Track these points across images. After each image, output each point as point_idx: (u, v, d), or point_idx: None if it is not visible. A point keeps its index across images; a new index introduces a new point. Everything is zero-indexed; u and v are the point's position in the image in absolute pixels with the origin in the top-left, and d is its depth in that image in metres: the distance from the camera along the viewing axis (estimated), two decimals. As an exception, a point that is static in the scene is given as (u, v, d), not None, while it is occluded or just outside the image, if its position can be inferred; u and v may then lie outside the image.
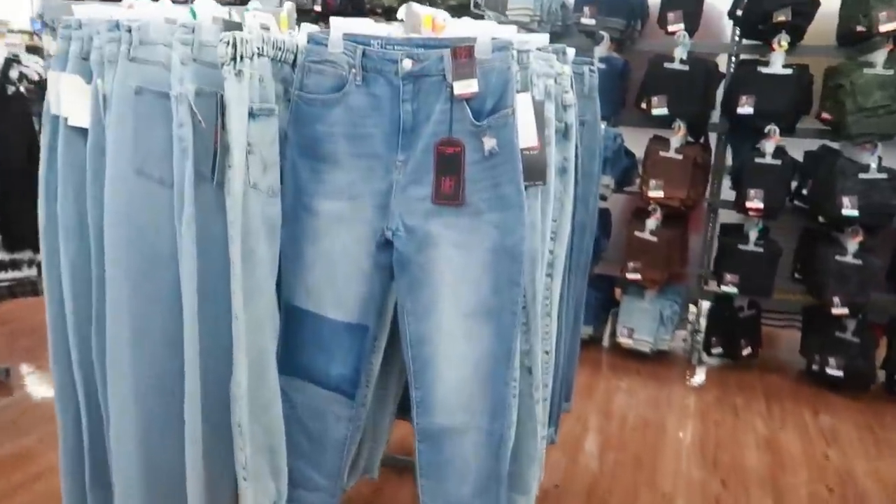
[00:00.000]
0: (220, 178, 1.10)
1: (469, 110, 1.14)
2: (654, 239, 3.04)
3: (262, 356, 1.19)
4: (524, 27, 3.21)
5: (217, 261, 1.12)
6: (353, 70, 1.17)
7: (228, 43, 1.06)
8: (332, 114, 1.19)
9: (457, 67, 1.12)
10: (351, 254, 1.24)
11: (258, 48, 1.12)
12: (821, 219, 2.88)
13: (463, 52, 1.11)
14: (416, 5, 1.21)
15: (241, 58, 1.08)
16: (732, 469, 2.34)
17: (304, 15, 3.72)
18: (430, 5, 1.88)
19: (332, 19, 1.16)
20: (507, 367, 1.22)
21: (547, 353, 1.43)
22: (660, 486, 2.21)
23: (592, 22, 3.04)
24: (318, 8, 3.54)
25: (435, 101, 1.15)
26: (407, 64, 1.14)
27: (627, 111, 3.22)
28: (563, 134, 1.34)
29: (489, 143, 1.14)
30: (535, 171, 1.18)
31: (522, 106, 1.12)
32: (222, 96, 1.07)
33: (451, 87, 1.13)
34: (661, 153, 2.96)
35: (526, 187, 1.18)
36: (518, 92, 1.13)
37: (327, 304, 1.27)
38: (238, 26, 1.11)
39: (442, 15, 1.20)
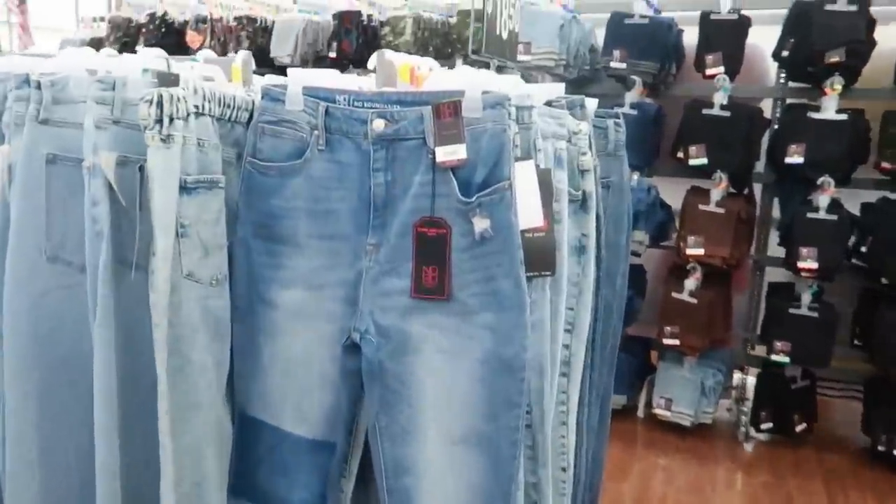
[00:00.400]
0: (143, 267, 0.88)
1: (455, 183, 0.91)
2: (694, 301, 2.75)
3: (199, 490, 0.94)
4: (549, 72, 3.00)
5: (148, 372, 0.89)
6: (316, 132, 0.95)
7: (151, 102, 0.85)
8: (291, 185, 0.97)
9: (440, 129, 0.89)
10: (314, 356, 1.00)
11: (196, 106, 0.90)
12: (884, 279, 2.57)
13: (447, 110, 0.88)
14: (390, 52, 0.99)
15: (171, 119, 0.86)
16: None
17: (319, 62, 3.58)
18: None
19: (290, 71, 0.95)
20: None
21: (564, 469, 1.15)
22: None
23: (623, 66, 2.81)
24: (332, 55, 3.38)
25: (413, 171, 0.92)
26: (378, 125, 0.92)
27: (662, 161, 2.96)
28: (581, 205, 1.09)
29: (481, 224, 0.90)
30: (540, 258, 0.93)
31: (523, 177, 0.88)
32: (143, 167, 0.86)
33: (434, 154, 0.90)
34: (701, 207, 2.69)
35: (529, 279, 0.93)
36: (518, 159, 0.90)
37: (287, 416, 1.02)
38: (174, 80, 0.90)
39: (427, 63, 0.98)
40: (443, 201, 0.92)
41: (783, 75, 2.83)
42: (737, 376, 3.17)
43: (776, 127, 2.78)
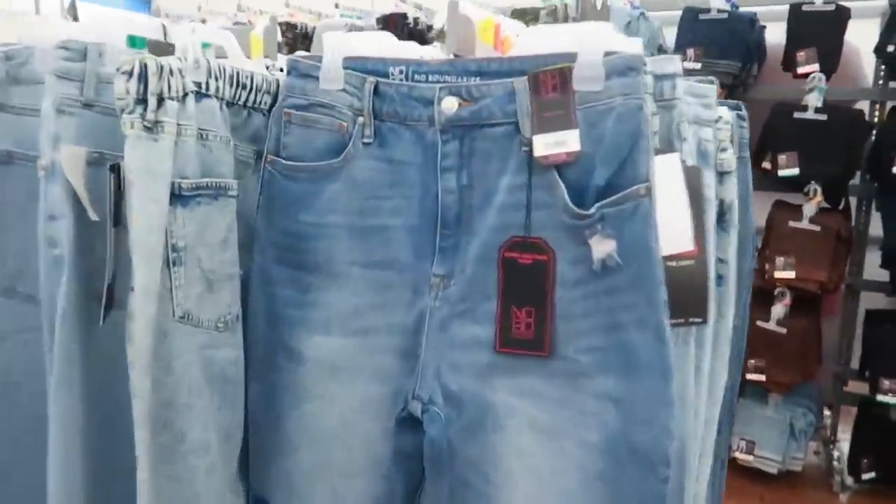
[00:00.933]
0: (115, 306, 0.62)
1: (563, 188, 0.64)
2: (783, 331, 2.41)
3: None
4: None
5: (129, 453, 0.63)
6: (361, 119, 0.70)
7: (131, 74, 0.59)
8: (327, 193, 0.72)
9: (540, 109, 0.63)
10: (356, 429, 0.75)
11: (198, 84, 0.65)
12: None
13: (551, 82, 0.62)
14: (466, 3, 0.71)
15: (160, 100, 0.61)
16: None
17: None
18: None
19: (326, 35, 0.68)
20: None
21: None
22: None
23: (698, 66, 2.51)
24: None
25: (500, 172, 0.66)
26: (450, 104, 0.66)
27: (742, 171, 2.63)
28: (719, 219, 0.80)
29: (602, 248, 0.63)
30: (688, 298, 0.65)
31: (665, 178, 0.61)
32: (119, 167, 0.60)
33: (530, 146, 0.63)
34: (791, 223, 2.36)
35: (672, 327, 0.64)
36: (658, 152, 0.62)
37: None
38: (169, 49, 0.65)
39: (511, 25, 0.71)
40: (543, 214, 0.64)
41: (882, 74, 2.50)
42: (825, 413, 2.81)
43: (878, 132, 2.44)
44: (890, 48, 2.30)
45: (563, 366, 0.67)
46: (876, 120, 2.52)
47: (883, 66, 2.47)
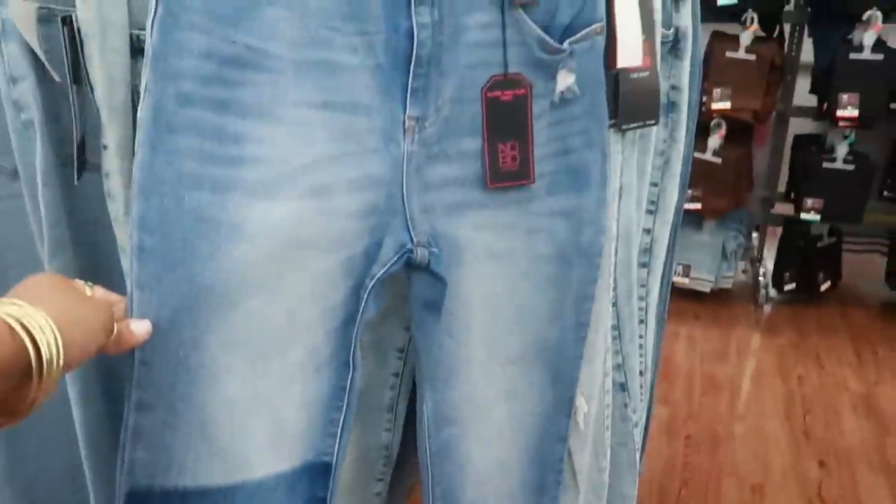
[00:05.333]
0: (88, 168, 0.62)
1: (534, 25, 0.65)
2: (718, 160, 2.53)
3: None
4: None
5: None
6: None
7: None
8: (266, 14, 0.60)
9: None
10: (312, 319, 0.68)
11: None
12: (924, 124, 2.35)
13: None
14: None
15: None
16: (829, 444, 1.93)
17: None
18: None
19: None
20: (561, 439, 0.83)
21: (641, 373, 0.97)
22: (746, 475, 1.81)
23: None
24: None
25: (469, 8, 0.65)
26: None
27: None
28: (672, 48, 0.83)
29: (565, 80, 0.66)
30: (644, 104, 0.72)
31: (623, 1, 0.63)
32: (72, 19, 0.58)
33: None
34: (729, 54, 2.40)
35: (624, 131, 0.71)
36: None
37: (255, 450, 0.68)
38: None
39: None
40: (515, 51, 0.66)
41: None
42: (754, 235, 3.02)
43: (814, -45, 2.43)
44: None
45: (519, 193, 0.72)
46: (812, -58, 2.51)
47: None
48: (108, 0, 0.58)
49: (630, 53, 0.70)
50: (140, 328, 0.58)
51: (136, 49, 0.61)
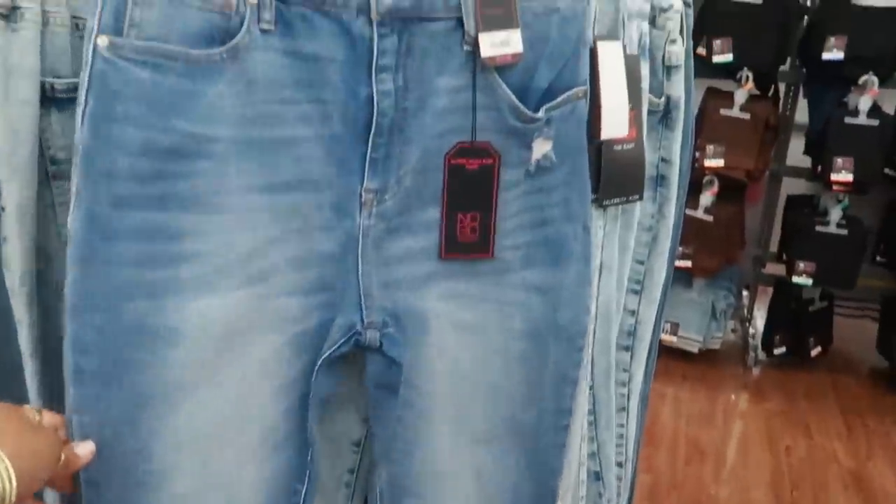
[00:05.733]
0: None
1: (508, 90, 0.59)
2: (710, 218, 2.47)
3: None
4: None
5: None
6: (251, 0, 0.56)
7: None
8: (207, 96, 0.56)
9: (483, 4, 0.55)
10: (259, 406, 0.64)
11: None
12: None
13: None
14: None
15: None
16: (821, 524, 1.83)
17: None
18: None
19: None
20: None
21: (620, 465, 0.88)
22: (733, 555, 1.71)
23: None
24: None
25: (439, 71, 0.59)
26: None
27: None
28: (663, 118, 0.76)
29: (541, 148, 0.59)
30: (629, 177, 0.66)
31: (608, 65, 0.59)
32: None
33: (473, 44, 0.57)
34: (723, 111, 2.36)
35: (605, 206, 0.64)
36: (600, 38, 0.58)
37: None
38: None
39: None
40: (486, 117, 0.59)
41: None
42: (744, 293, 2.96)
43: (811, 17, 2.41)
44: (828, -74, 2.24)
45: (487, 265, 0.66)
46: (809, 4, 2.50)
47: (819, -54, 2.42)
48: (15, 45, 0.50)
49: (615, 123, 0.63)
50: (83, 450, 0.55)
51: (48, 98, 0.53)
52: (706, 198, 2.47)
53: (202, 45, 0.55)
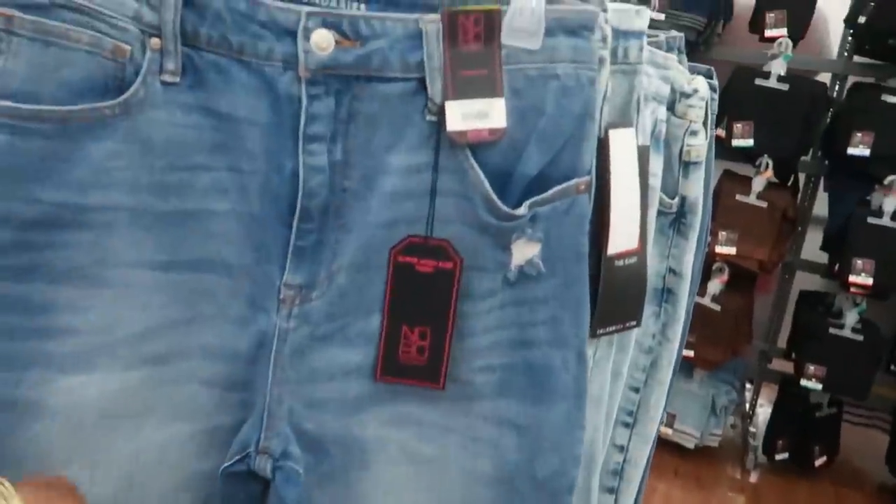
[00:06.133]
0: None
1: (482, 175, 0.46)
2: (717, 307, 2.33)
3: None
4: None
5: None
6: (156, 41, 0.46)
7: None
8: (92, 157, 0.47)
9: (457, 64, 0.44)
10: (155, 499, 0.56)
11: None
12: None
13: (474, 27, 0.43)
14: None
15: None
16: None
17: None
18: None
19: None
20: None
21: None
22: None
23: (661, 16, 2.32)
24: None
25: (392, 145, 0.47)
26: (324, 41, 0.46)
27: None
28: (675, 221, 0.63)
29: (524, 253, 0.46)
30: (624, 299, 0.53)
31: (619, 158, 0.45)
32: None
33: (439, 114, 0.44)
34: (739, 197, 2.25)
35: (599, 335, 0.50)
36: (611, 126, 0.45)
37: None
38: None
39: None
40: (451, 207, 0.47)
41: (848, 47, 2.36)
42: (747, 387, 2.80)
43: (838, 109, 2.32)
44: (861, 19, 2.16)
45: (452, 388, 0.52)
46: (835, 95, 2.41)
47: (850, 38, 2.34)
48: None
49: (625, 233, 0.50)
50: None
51: None
52: (715, 285, 2.33)
53: (89, 97, 0.46)
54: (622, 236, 0.51)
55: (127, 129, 0.46)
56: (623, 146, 0.52)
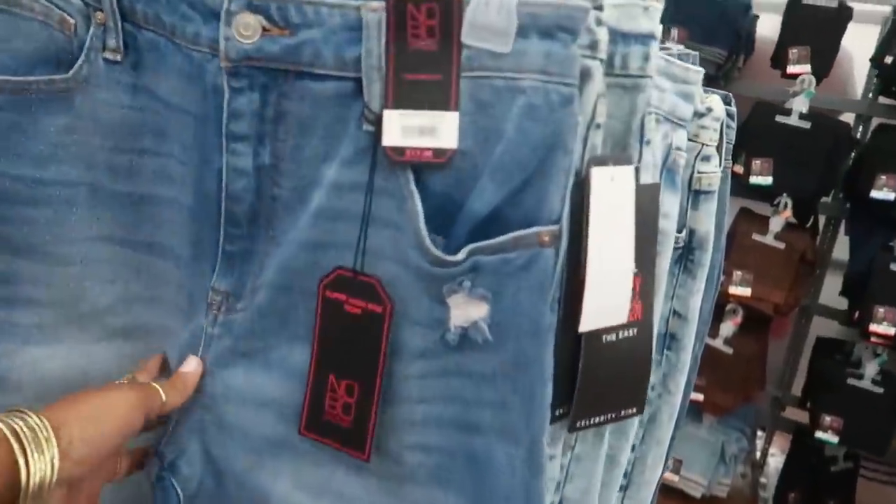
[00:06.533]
0: None
1: (419, 205, 0.39)
2: (729, 350, 2.24)
3: None
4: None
5: None
6: (99, 16, 0.41)
7: None
8: (49, 130, 0.44)
9: (402, 64, 0.37)
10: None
11: None
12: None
13: (426, 20, 0.36)
14: None
15: None
16: None
17: None
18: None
19: None
20: None
21: None
22: None
23: (680, 48, 2.25)
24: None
25: (326, 154, 0.41)
26: (248, 27, 0.40)
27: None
28: (682, 257, 0.55)
29: (466, 312, 0.39)
30: (625, 382, 0.43)
31: (615, 206, 0.36)
32: None
33: (377, 124, 0.37)
34: (755, 237, 2.17)
35: (579, 428, 0.41)
36: (601, 161, 0.37)
37: None
38: None
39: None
40: (386, 239, 0.39)
41: (874, 86, 2.29)
42: (759, 434, 2.67)
43: (862, 151, 2.24)
44: (888, 59, 2.09)
45: (380, 463, 0.44)
46: (859, 136, 2.33)
47: (875, 79, 2.26)
48: None
49: (608, 307, 0.41)
50: (190, 367, 0.47)
51: None
52: (727, 327, 2.24)
53: (43, 69, 0.42)
54: (603, 309, 0.41)
55: (79, 104, 0.43)
56: (613, 189, 0.42)
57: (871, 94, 2.30)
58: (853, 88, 2.46)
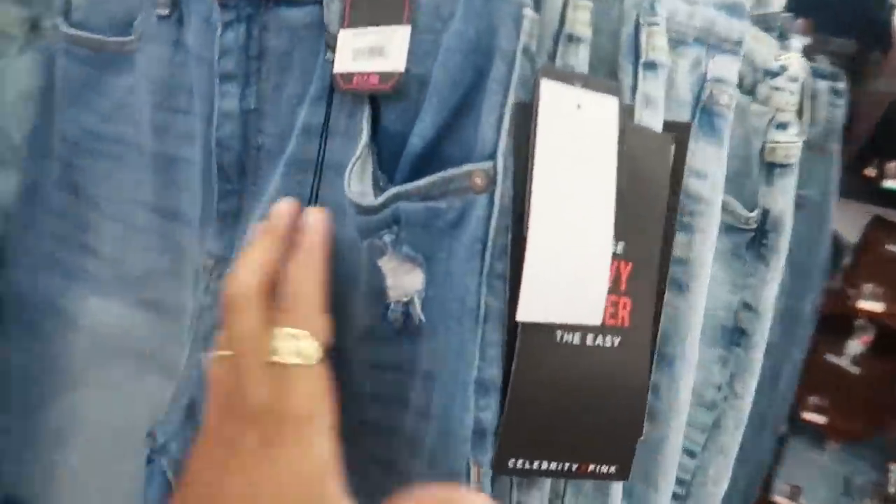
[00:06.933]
0: None
1: (358, 145, 0.34)
2: (857, 371, 2.04)
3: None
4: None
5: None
6: None
7: None
8: (114, 90, 0.48)
9: None
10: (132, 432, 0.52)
11: None
12: None
13: None
14: None
15: None
16: None
17: None
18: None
19: None
20: None
21: None
22: None
23: (806, 41, 2.09)
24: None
25: (301, 92, 0.38)
26: None
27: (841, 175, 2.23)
28: (754, 241, 0.49)
29: (402, 281, 0.33)
30: (601, 420, 0.32)
31: (589, 150, 0.29)
32: None
33: (331, 48, 0.34)
34: (889, 247, 1.97)
35: (513, 466, 0.34)
36: (548, 73, 0.32)
37: None
38: None
39: None
40: (338, 189, 0.36)
41: None
42: (891, 468, 2.42)
43: None
44: None
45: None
46: None
47: None
48: None
49: (572, 296, 0.28)
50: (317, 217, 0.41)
51: None
52: (855, 345, 2.04)
53: (117, 29, 0.49)
54: (556, 295, 0.26)
55: (138, 63, 0.46)
56: (581, 122, 0.28)
57: None
58: None
